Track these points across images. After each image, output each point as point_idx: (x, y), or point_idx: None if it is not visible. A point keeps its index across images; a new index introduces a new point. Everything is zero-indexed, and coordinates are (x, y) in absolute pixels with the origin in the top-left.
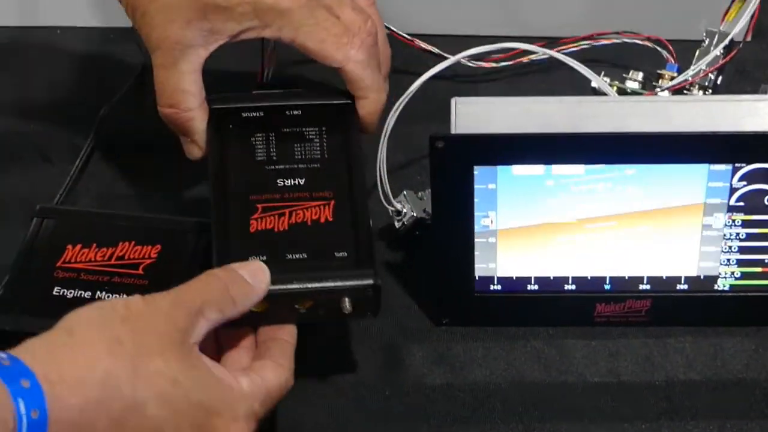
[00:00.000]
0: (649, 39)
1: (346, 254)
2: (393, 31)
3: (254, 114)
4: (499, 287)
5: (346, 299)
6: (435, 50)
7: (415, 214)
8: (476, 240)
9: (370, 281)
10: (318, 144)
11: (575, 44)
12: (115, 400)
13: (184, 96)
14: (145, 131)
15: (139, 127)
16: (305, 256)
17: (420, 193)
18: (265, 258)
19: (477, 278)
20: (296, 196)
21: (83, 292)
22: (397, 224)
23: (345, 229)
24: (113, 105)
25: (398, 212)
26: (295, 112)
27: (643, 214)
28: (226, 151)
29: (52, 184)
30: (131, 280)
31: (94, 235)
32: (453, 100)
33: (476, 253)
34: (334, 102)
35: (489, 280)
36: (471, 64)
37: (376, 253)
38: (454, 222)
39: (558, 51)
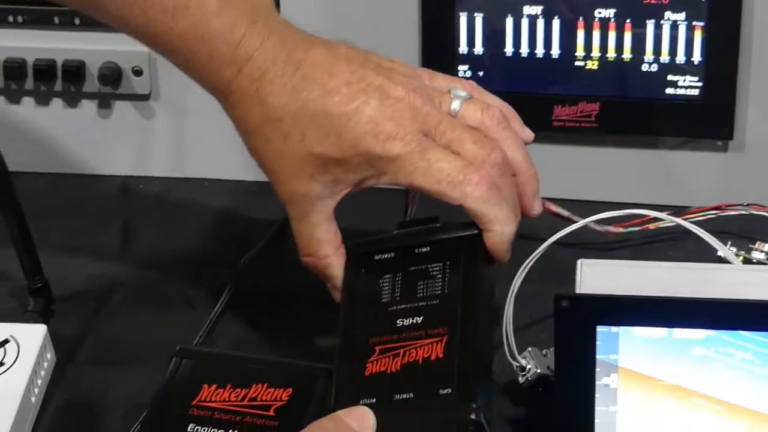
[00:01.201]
0: None
1: (450, 391)
2: None
3: (386, 256)
4: None
5: None
6: (564, 213)
7: (539, 371)
8: (597, 398)
9: (471, 417)
10: (440, 280)
11: (702, 214)
12: None
13: (319, 244)
14: (283, 281)
15: (277, 277)
16: (412, 395)
17: (544, 351)
18: (374, 400)
19: None
20: (413, 335)
21: (216, 431)
22: (521, 380)
23: (452, 366)
24: (254, 255)
25: (522, 368)
26: (424, 250)
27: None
28: (356, 294)
29: (192, 327)
30: (262, 421)
31: (230, 376)
32: (579, 262)
33: (597, 417)
34: (462, 234)
35: None
36: (599, 229)
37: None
38: (575, 380)
39: (686, 219)
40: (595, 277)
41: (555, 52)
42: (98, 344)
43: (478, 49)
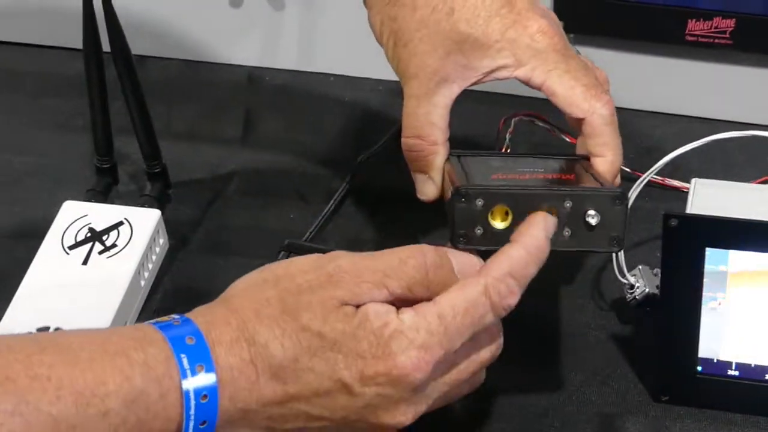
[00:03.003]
0: None
1: (593, 186)
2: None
3: (492, 156)
4: (722, 371)
5: (592, 211)
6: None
7: (647, 290)
8: (702, 321)
9: (618, 191)
10: (557, 165)
11: None
12: (265, 358)
13: (432, 129)
14: (399, 182)
15: (394, 176)
16: (549, 184)
17: (655, 270)
18: (506, 182)
19: (700, 359)
20: (537, 174)
21: None
22: (628, 297)
23: (589, 180)
24: (372, 153)
25: (631, 286)
26: (532, 159)
27: None
28: (464, 169)
29: (305, 222)
30: None
31: None
32: (693, 181)
33: (702, 334)
34: (572, 157)
35: (712, 362)
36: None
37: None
38: (681, 301)
39: None
40: (709, 196)
41: None
42: (212, 232)
43: None
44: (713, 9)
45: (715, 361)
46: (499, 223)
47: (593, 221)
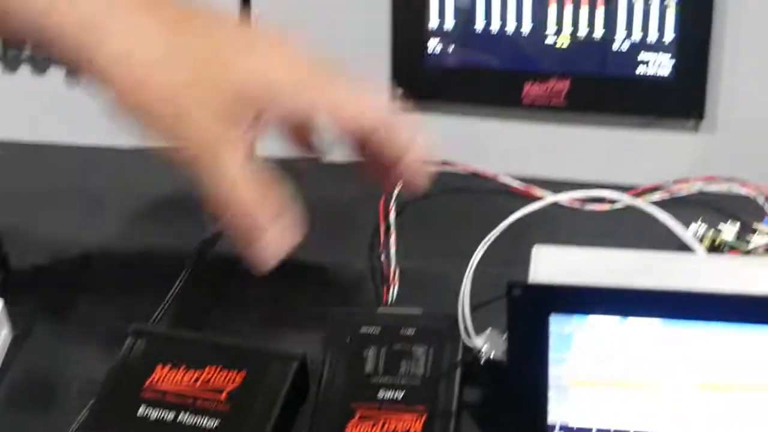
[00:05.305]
0: (759, 189)
1: None
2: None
3: (371, 330)
4: None
5: None
6: (542, 193)
7: (492, 356)
8: (550, 388)
9: None
10: (423, 362)
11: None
12: None
13: None
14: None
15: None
16: None
17: (504, 334)
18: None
19: (550, 427)
20: (393, 408)
21: (167, 413)
22: (482, 362)
23: None
24: (215, 233)
25: (479, 350)
26: (409, 332)
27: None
28: (339, 362)
29: (155, 303)
30: (214, 405)
31: (184, 357)
32: (534, 248)
33: (550, 401)
34: (444, 323)
35: (563, 429)
36: (566, 206)
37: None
38: (528, 367)
39: (644, 198)
40: (551, 263)
41: (526, 28)
42: (57, 319)
43: (449, 24)
44: (550, 71)
45: (567, 428)
46: None
47: None
